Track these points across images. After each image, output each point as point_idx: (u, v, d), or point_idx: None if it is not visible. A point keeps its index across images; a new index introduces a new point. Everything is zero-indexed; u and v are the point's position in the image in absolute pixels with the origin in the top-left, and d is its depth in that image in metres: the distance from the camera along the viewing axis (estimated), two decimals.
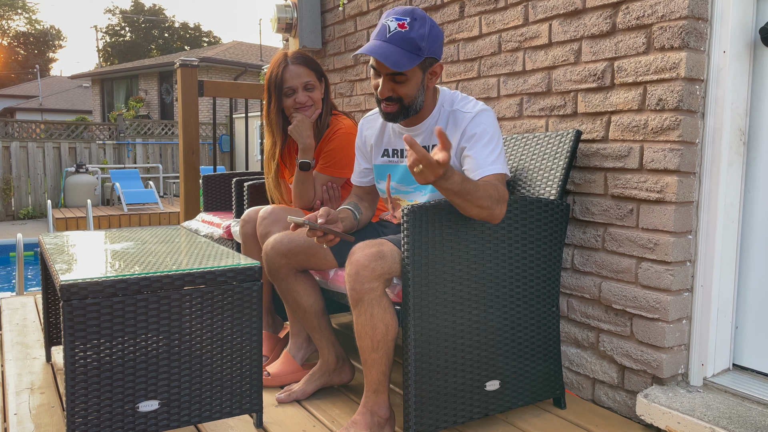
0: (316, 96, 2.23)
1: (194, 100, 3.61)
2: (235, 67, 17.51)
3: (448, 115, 1.76)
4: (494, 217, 1.59)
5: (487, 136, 1.67)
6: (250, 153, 13.70)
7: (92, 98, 21.28)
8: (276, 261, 1.86)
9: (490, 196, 1.54)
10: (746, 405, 1.65)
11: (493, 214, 1.57)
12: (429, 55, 1.67)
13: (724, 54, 1.68)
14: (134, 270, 1.53)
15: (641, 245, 1.78)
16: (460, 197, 1.49)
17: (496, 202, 1.56)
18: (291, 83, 2.19)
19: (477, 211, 1.54)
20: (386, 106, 1.72)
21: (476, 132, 1.67)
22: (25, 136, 12.53)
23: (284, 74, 2.19)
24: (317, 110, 2.23)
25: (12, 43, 37.51)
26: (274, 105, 2.23)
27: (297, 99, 2.20)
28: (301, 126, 2.17)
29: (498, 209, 1.58)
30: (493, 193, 1.56)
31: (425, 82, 1.71)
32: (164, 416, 1.54)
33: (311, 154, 2.19)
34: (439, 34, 1.69)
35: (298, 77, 2.19)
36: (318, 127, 2.25)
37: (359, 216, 1.94)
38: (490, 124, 1.69)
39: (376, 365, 1.65)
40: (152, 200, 10.71)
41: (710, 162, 1.72)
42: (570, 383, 2.02)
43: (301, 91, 2.20)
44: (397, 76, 1.66)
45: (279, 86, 2.20)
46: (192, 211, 3.62)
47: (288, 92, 2.20)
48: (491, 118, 1.71)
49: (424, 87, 1.71)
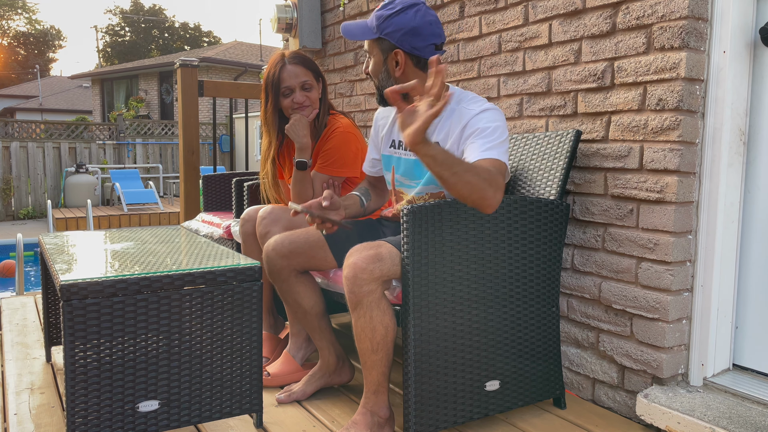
0: (313, 96, 2.22)
1: (194, 100, 3.61)
2: (235, 67, 17.51)
3: (452, 111, 1.72)
4: (486, 200, 1.47)
5: (488, 130, 1.62)
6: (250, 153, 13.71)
7: (92, 98, 21.28)
8: (277, 262, 1.86)
9: (477, 174, 1.46)
10: (746, 405, 1.65)
11: (484, 196, 1.47)
12: (384, 37, 1.72)
13: (724, 54, 1.68)
14: (134, 270, 1.53)
15: (641, 245, 1.78)
16: (444, 168, 1.42)
17: (486, 182, 1.47)
18: (288, 83, 2.19)
19: (468, 189, 1.45)
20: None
21: (479, 127, 1.63)
22: (25, 136, 12.54)
23: (281, 74, 2.19)
24: (315, 110, 2.23)
25: (12, 43, 37.51)
26: (271, 105, 2.23)
27: (295, 99, 2.19)
28: (297, 125, 2.17)
29: (490, 191, 1.47)
30: (483, 173, 1.48)
31: (389, 66, 1.75)
32: (164, 416, 1.54)
33: (308, 153, 2.19)
34: (405, 21, 1.69)
35: (295, 77, 2.19)
36: (315, 126, 2.25)
37: (366, 202, 1.94)
38: (492, 119, 1.64)
39: (376, 367, 1.64)
40: (152, 200, 10.71)
41: (710, 162, 1.72)
42: (570, 383, 2.02)
43: (299, 90, 2.20)
44: (366, 48, 1.79)
45: (276, 86, 2.20)
46: (192, 211, 3.62)
47: (285, 92, 2.20)
48: (497, 115, 1.66)
49: (389, 72, 1.75)
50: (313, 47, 3.35)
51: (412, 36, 1.70)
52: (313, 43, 3.34)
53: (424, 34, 1.70)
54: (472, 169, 1.47)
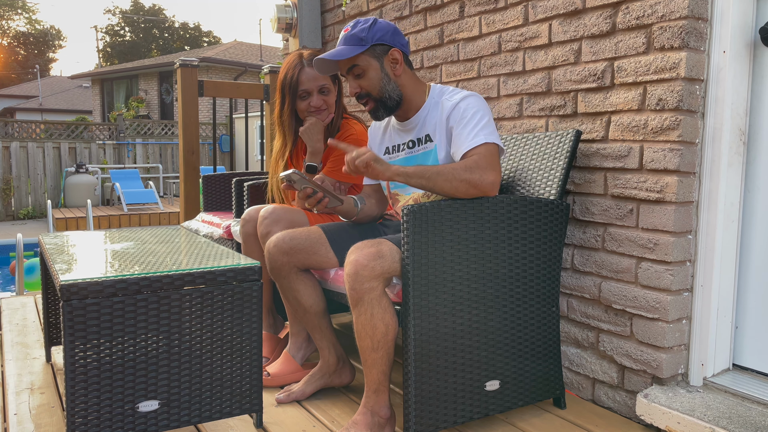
0: (330, 100, 2.22)
1: (194, 100, 3.61)
2: (235, 67, 17.51)
3: (436, 104, 1.83)
4: (475, 184, 1.61)
5: (469, 114, 1.72)
6: (250, 153, 13.70)
7: (92, 98, 21.27)
8: (278, 259, 1.87)
9: (453, 169, 1.61)
10: (746, 405, 1.65)
11: (472, 182, 1.60)
12: (377, 43, 1.78)
13: (724, 54, 1.68)
14: (134, 270, 1.53)
15: (641, 245, 1.79)
16: (418, 178, 1.62)
17: (467, 171, 1.61)
18: (306, 86, 2.18)
19: (450, 187, 1.61)
20: (365, 106, 1.85)
21: (460, 112, 1.74)
22: (25, 136, 12.53)
23: (300, 77, 2.18)
24: (330, 114, 2.23)
25: (12, 43, 37.51)
26: (287, 107, 2.22)
27: (312, 103, 2.19)
28: (312, 129, 2.17)
29: (477, 175, 1.61)
30: (458, 166, 1.62)
31: (387, 70, 1.80)
32: (164, 416, 1.54)
33: (319, 157, 2.19)
34: (385, 25, 1.81)
35: (314, 80, 2.18)
36: (329, 130, 2.25)
37: (361, 205, 1.96)
38: (472, 104, 1.74)
39: (377, 365, 1.65)
40: (152, 200, 10.71)
41: (710, 162, 1.72)
42: (570, 383, 2.02)
43: (316, 94, 2.19)
44: (354, 69, 1.79)
45: (294, 88, 2.19)
46: (192, 211, 3.61)
47: (303, 95, 2.19)
48: (476, 100, 1.76)
49: (388, 75, 1.80)
50: (313, 47, 3.35)
51: (398, 35, 1.83)
52: (313, 43, 3.34)
53: (401, 33, 1.85)
54: (442, 169, 1.62)
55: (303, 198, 1.77)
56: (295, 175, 1.72)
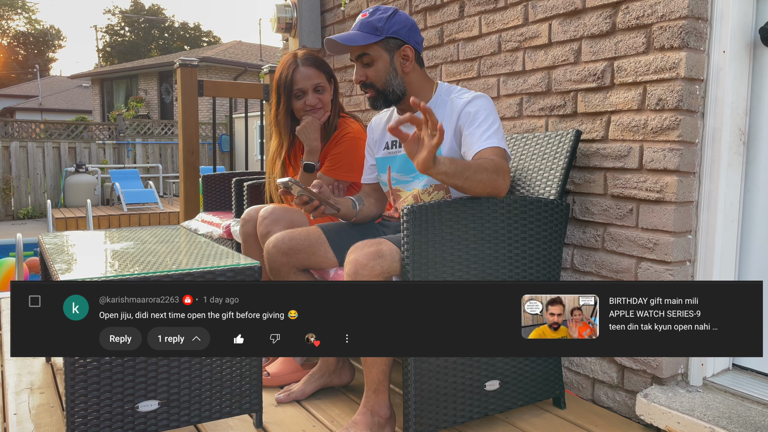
0: (326, 98, 2.22)
1: (194, 100, 3.61)
2: (235, 67, 17.50)
3: (444, 103, 1.81)
4: (499, 189, 1.61)
5: (481, 116, 1.71)
6: (250, 153, 13.70)
7: (92, 98, 21.28)
8: (277, 259, 1.87)
9: (485, 169, 1.57)
10: (746, 405, 1.65)
11: (497, 186, 1.60)
12: (391, 36, 1.77)
13: (724, 54, 1.68)
14: (134, 270, 1.53)
15: (641, 245, 1.78)
16: (456, 178, 1.53)
17: (495, 173, 1.59)
18: (301, 85, 2.18)
19: (481, 187, 1.58)
20: (365, 93, 1.85)
21: (470, 112, 1.72)
22: (25, 136, 12.53)
23: (294, 76, 2.18)
24: (326, 113, 2.23)
25: (12, 43, 37.51)
26: (283, 106, 2.22)
27: (307, 101, 2.19)
28: (309, 128, 2.17)
29: (500, 180, 1.60)
30: (489, 165, 1.59)
31: (396, 65, 1.80)
32: (164, 416, 1.54)
33: (317, 156, 2.19)
34: (404, 19, 1.79)
35: (308, 79, 2.18)
36: (325, 128, 2.24)
37: (359, 206, 1.96)
38: (484, 106, 1.73)
39: (377, 365, 1.65)
40: (152, 200, 10.70)
41: (710, 162, 1.72)
42: (570, 383, 2.02)
43: (311, 93, 2.19)
44: (364, 57, 1.80)
45: (289, 88, 2.19)
46: (192, 211, 3.61)
47: (298, 94, 2.19)
48: (487, 102, 1.75)
49: (396, 70, 1.80)
50: (312, 47, 3.35)
51: (415, 32, 1.82)
52: (312, 43, 3.34)
53: (418, 30, 1.85)
54: (480, 167, 1.57)
55: (300, 205, 1.76)
56: (291, 183, 1.70)
